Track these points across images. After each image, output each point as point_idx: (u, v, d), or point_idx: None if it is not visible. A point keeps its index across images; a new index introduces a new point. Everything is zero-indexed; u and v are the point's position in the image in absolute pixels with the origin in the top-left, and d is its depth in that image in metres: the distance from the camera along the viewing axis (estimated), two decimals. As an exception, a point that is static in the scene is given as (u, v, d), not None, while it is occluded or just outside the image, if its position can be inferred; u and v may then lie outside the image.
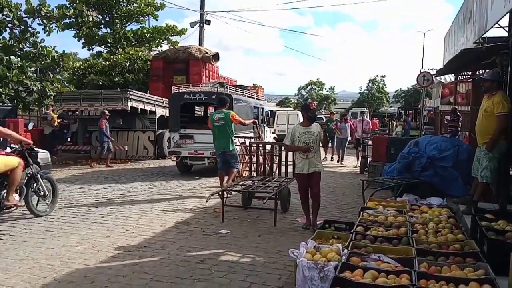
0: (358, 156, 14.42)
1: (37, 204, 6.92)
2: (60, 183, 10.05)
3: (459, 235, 4.45)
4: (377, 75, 66.73)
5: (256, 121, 11.12)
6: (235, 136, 8.69)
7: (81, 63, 21.79)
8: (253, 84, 20.19)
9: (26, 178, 6.59)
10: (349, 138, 15.96)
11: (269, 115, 19.39)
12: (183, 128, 11.66)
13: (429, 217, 5.29)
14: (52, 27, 14.92)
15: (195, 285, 4.21)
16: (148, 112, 14.98)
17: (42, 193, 6.82)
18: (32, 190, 6.69)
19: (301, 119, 12.47)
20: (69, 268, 4.63)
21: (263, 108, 15.00)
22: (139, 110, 14.51)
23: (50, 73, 15.81)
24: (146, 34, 23.49)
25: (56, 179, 10.58)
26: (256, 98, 14.41)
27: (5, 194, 6.08)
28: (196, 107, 15.17)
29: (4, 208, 6.15)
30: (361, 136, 14.35)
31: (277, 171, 8.19)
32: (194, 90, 12.14)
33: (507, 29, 6.11)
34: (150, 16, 24.22)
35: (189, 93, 11.80)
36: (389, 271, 3.46)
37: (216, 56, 19.30)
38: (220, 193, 6.61)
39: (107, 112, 13.19)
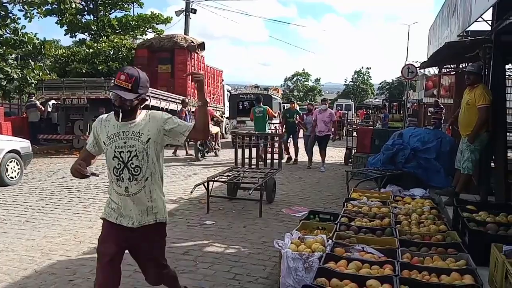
0: (324, 159, 11.52)
1: None
2: (42, 173, 9.91)
3: (441, 226, 4.53)
4: (362, 67, 67.21)
5: (279, 112, 15.77)
6: (268, 123, 12.65)
7: (64, 51, 21.33)
8: (274, 87, 26.58)
9: None
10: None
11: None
12: (239, 116, 17.23)
13: (412, 208, 5.36)
14: (33, 13, 14.57)
15: (180, 276, 4.15)
16: (131, 101, 14.77)
17: None
18: None
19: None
20: (50, 260, 4.57)
21: (280, 103, 20.20)
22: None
23: (31, 60, 15.49)
24: (130, 22, 23.12)
25: (37, 169, 10.47)
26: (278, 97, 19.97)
27: None
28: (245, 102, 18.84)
29: None
30: (322, 132, 11.30)
31: (263, 162, 8.22)
32: (247, 91, 19.59)
33: (490, 22, 6.17)
34: (134, 3, 23.84)
35: (243, 94, 18.94)
36: (373, 261, 3.49)
37: (202, 46, 19.12)
38: (205, 183, 6.59)
39: (187, 101, 15.03)
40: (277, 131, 13.84)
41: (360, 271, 3.31)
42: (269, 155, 8.26)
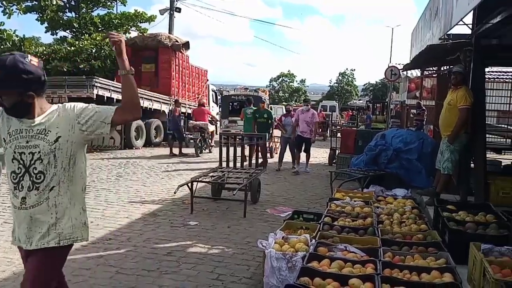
0: (298, 160, 11.10)
1: None
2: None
3: (422, 225, 4.60)
4: (347, 69, 67.74)
5: None
6: None
7: (44, 48, 20.97)
8: (262, 89, 28.75)
9: None
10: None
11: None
12: (230, 116, 17.78)
13: (394, 208, 5.44)
14: (12, 10, 14.35)
15: (162, 277, 4.18)
16: (115, 100, 14.63)
17: None
18: None
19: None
20: (30, 261, 4.50)
21: (268, 105, 20.56)
22: (105, 98, 14.16)
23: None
24: (113, 20, 22.87)
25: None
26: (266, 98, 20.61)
27: None
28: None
29: None
30: (304, 132, 10.85)
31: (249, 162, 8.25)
32: (238, 93, 20.09)
33: (470, 26, 6.29)
34: (117, 1, 23.61)
35: (234, 95, 19.78)
36: (355, 260, 3.54)
37: (186, 45, 18.99)
38: (189, 184, 6.57)
39: (180, 101, 15.55)
40: None
41: (343, 270, 3.35)
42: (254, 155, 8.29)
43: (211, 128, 14.81)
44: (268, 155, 12.80)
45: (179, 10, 23.38)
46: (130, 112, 2.42)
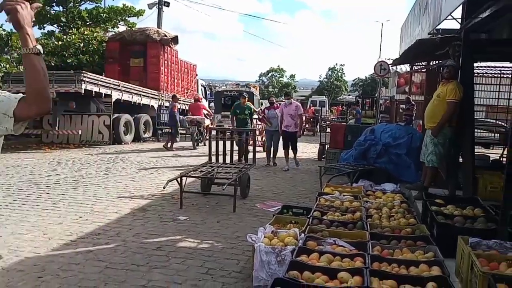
0: (288, 157, 10.79)
1: None
2: (9, 168, 9.64)
3: (411, 219, 4.63)
4: (336, 64, 67.76)
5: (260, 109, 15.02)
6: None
7: (32, 43, 20.67)
8: (253, 84, 29.06)
9: None
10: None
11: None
12: (223, 111, 17.37)
13: (383, 202, 5.47)
14: (-1, 4, 14.10)
15: (152, 272, 4.15)
16: (103, 95, 14.51)
17: None
18: None
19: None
20: (18, 257, 4.44)
21: (259, 100, 21.04)
22: (93, 93, 14.03)
23: (-3, 52, 14.99)
24: (101, 14, 22.62)
25: (5, 164, 10.17)
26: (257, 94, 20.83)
27: None
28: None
29: None
30: (289, 126, 10.53)
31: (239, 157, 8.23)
32: (230, 89, 20.03)
33: (460, 21, 6.32)
34: (105, -5, 23.35)
35: (227, 91, 19.59)
36: (344, 254, 3.55)
37: (175, 39, 18.87)
38: (178, 179, 6.53)
39: (178, 96, 15.34)
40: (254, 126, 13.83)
41: (332, 263, 3.36)
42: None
43: (207, 122, 15.15)
44: (261, 148, 12.82)
45: (167, 4, 23.22)
46: (36, 104, 1.86)
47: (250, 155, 8.07)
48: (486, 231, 3.94)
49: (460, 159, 6.35)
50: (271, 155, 11.10)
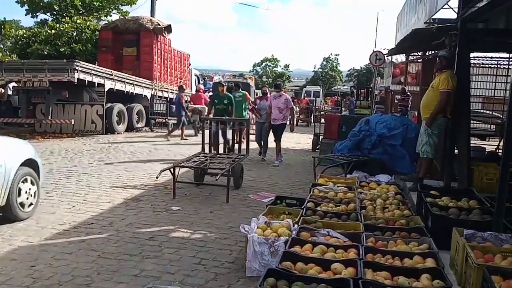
0: (278, 152, 10.22)
1: None
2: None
3: (405, 211, 4.62)
4: (331, 54, 67.55)
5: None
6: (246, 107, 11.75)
7: (24, 31, 20.42)
8: (249, 75, 30.89)
9: None
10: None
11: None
12: None
13: (377, 193, 5.45)
14: (-9, -8, 13.87)
15: (144, 261, 4.12)
16: (96, 84, 14.37)
17: None
18: None
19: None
20: (11, 246, 4.40)
21: (254, 90, 22.05)
22: (86, 83, 13.89)
23: (-10, 41, 14.80)
24: (94, 3, 22.34)
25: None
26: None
27: None
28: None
29: None
30: (276, 120, 9.93)
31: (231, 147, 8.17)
32: (228, 79, 21.53)
33: (456, 10, 6.27)
34: (99, -17, 23.06)
35: (226, 82, 17.86)
36: (338, 245, 3.53)
37: (168, 28, 18.66)
38: (171, 169, 6.48)
39: (184, 87, 15.33)
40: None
41: (325, 255, 3.34)
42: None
43: (205, 111, 15.06)
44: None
45: (162, -8, 22.96)
46: None
47: (241, 146, 8.00)
48: (481, 223, 3.93)
49: (456, 151, 6.33)
50: (261, 150, 10.54)
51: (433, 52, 9.14)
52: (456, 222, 3.94)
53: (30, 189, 5.32)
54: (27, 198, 5.27)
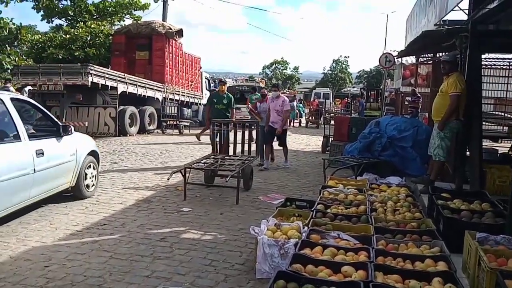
0: (267, 155, 9.61)
1: None
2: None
3: (416, 213, 4.58)
4: (340, 56, 67.37)
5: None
6: None
7: (40, 36, 20.80)
8: (260, 78, 31.86)
9: None
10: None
11: None
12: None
13: (388, 195, 5.42)
14: (9, -2, 14.12)
15: (156, 262, 4.15)
16: (109, 87, 14.53)
17: None
18: None
19: None
20: (26, 246, 4.47)
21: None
22: (100, 86, 14.05)
23: (7, 45, 15.03)
24: (108, 8, 22.70)
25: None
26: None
27: None
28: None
29: None
30: (275, 123, 9.31)
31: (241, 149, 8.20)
32: (241, 84, 24.01)
33: (466, 12, 6.23)
34: (112, -11, 23.40)
35: (238, 86, 22.36)
36: (348, 248, 3.52)
37: (180, 32, 18.81)
38: (182, 170, 6.52)
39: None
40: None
41: (335, 257, 3.33)
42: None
43: None
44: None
45: (173, -3, 23.17)
46: None
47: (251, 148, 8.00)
48: (494, 226, 3.88)
49: (468, 153, 6.28)
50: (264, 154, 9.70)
51: (443, 53, 9.08)
52: (468, 225, 3.90)
53: (92, 173, 6.57)
54: (91, 180, 6.54)
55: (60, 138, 5.77)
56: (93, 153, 6.63)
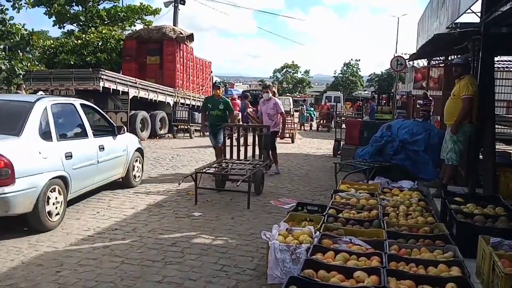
0: (276, 159, 9.26)
1: None
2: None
3: (429, 218, 4.53)
4: (351, 59, 67.14)
5: None
6: None
7: (52, 42, 21.07)
8: (272, 82, 32.73)
9: None
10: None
11: None
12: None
13: (400, 200, 5.37)
14: (21, 4, 14.28)
15: (167, 267, 4.16)
16: (120, 92, 14.65)
17: None
18: None
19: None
20: (37, 251, 4.51)
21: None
22: (111, 91, 14.17)
23: (19, 51, 15.18)
24: (119, 13, 22.94)
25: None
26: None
27: None
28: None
29: None
30: (267, 130, 8.44)
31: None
32: (254, 88, 27.15)
33: (479, 14, 6.17)
34: (123, -6, 23.67)
35: (254, 90, 25.77)
36: (360, 253, 3.49)
37: (190, 37, 18.93)
38: (193, 175, 6.54)
39: (248, 95, 16.42)
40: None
41: (348, 262, 3.30)
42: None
43: (238, 116, 15.53)
44: None
45: (183, 2, 23.33)
46: None
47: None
48: (508, 231, 3.82)
49: (481, 156, 6.21)
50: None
51: (455, 56, 9.00)
52: (482, 229, 3.85)
53: (138, 166, 7.77)
54: (138, 172, 7.74)
55: (115, 137, 6.90)
56: (139, 150, 7.81)
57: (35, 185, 4.89)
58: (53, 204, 5.17)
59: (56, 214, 5.25)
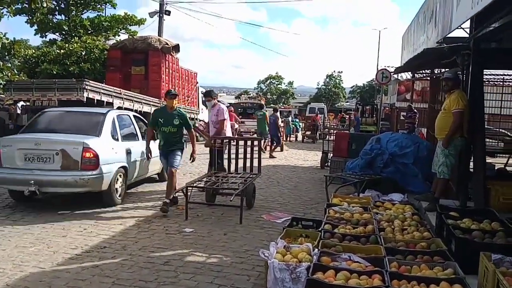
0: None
1: None
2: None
3: (425, 232, 4.53)
4: (334, 71, 67.95)
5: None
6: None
7: (33, 51, 20.65)
8: (260, 95, 35.54)
9: None
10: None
11: None
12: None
13: (394, 214, 5.37)
14: (2, 12, 14.03)
15: (161, 288, 4.03)
16: (105, 103, 14.40)
17: None
18: None
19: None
20: (23, 272, 4.32)
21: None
22: (95, 101, 13.93)
23: (0, 60, 14.91)
24: (103, 23, 22.66)
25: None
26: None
27: None
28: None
29: None
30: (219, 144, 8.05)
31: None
32: (244, 101, 28.16)
33: (468, 30, 6.26)
34: (107, 4, 23.42)
35: (244, 102, 27.07)
36: (361, 271, 3.45)
37: (176, 48, 18.82)
38: (183, 190, 6.42)
39: (278, 108, 18.72)
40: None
41: (350, 281, 3.26)
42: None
43: (235, 126, 16.75)
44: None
45: (168, 13, 23.24)
46: None
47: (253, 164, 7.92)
48: (507, 247, 3.83)
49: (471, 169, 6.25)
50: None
51: (441, 70, 9.12)
52: (481, 245, 3.84)
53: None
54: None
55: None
56: None
57: (110, 170, 6.88)
58: (120, 186, 7.21)
59: (120, 194, 7.23)
